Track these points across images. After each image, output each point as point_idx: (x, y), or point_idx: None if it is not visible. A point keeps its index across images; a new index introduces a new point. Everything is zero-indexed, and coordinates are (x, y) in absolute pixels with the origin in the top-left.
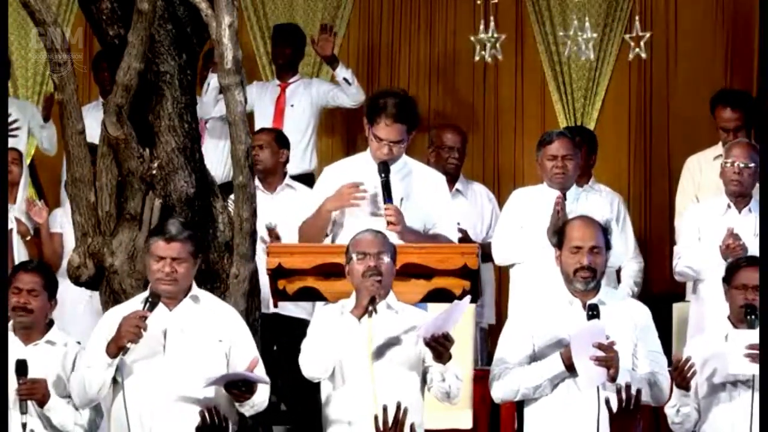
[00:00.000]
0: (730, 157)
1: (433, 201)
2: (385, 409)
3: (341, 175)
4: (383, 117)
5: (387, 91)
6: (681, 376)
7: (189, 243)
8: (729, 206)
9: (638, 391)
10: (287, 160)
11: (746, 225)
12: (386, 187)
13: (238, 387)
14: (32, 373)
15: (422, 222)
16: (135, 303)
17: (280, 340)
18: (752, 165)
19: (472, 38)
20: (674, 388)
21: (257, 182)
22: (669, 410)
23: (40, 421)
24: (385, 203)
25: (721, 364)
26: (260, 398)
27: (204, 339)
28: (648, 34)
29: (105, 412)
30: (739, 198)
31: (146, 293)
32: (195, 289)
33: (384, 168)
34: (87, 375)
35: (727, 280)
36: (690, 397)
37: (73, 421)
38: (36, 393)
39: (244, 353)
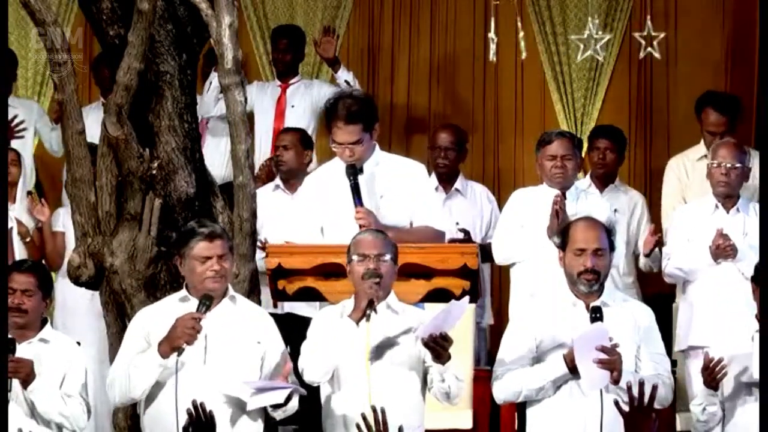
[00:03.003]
0: (716, 158)
1: (413, 193)
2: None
3: (319, 182)
4: (335, 121)
5: (338, 95)
6: (711, 375)
7: (227, 239)
8: (717, 206)
9: (654, 387)
10: (311, 161)
11: (735, 225)
12: (355, 190)
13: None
14: None
15: (407, 216)
16: (171, 303)
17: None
18: (739, 165)
19: (490, 34)
20: (702, 386)
21: (279, 182)
22: (695, 408)
23: (27, 409)
24: (355, 206)
25: (748, 364)
26: (292, 404)
27: (243, 340)
28: (662, 34)
29: (101, 412)
30: (726, 198)
31: (182, 293)
32: (231, 290)
33: (352, 171)
34: (134, 375)
35: (756, 279)
36: (716, 397)
37: (58, 412)
38: (21, 372)
39: (277, 357)
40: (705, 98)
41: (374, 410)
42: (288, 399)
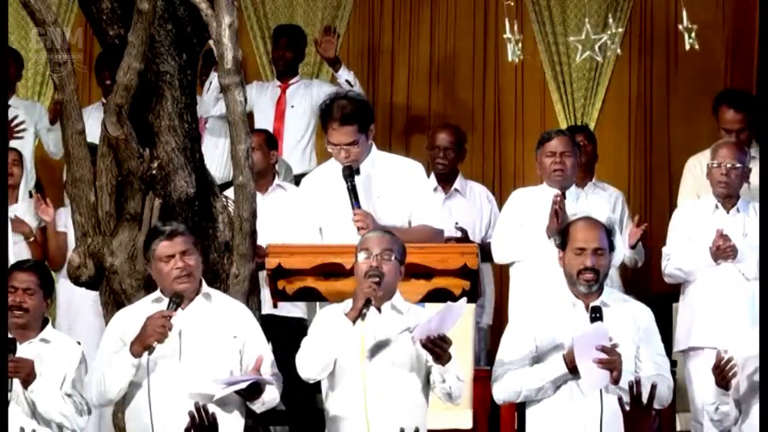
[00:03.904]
0: (716, 158)
1: (411, 192)
2: None
3: (317, 182)
4: (331, 122)
5: (333, 96)
6: (721, 375)
7: (190, 235)
8: (717, 207)
9: (653, 386)
10: (276, 161)
11: (735, 225)
12: (353, 192)
13: (247, 389)
14: None
15: (405, 216)
16: (145, 304)
17: (276, 341)
18: (739, 166)
19: (505, 36)
20: (713, 386)
21: None
22: (708, 407)
23: (28, 409)
24: (353, 209)
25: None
26: (271, 396)
27: (219, 336)
28: (695, 27)
29: (102, 413)
30: (726, 198)
31: (156, 294)
32: (205, 287)
33: (348, 173)
34: (108, 375)
35: None
36: (729, 396)
37: (59, 411)
38: (21, 371)
39: (256, 350)
40: (722, 96)
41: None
42: (257, 390)
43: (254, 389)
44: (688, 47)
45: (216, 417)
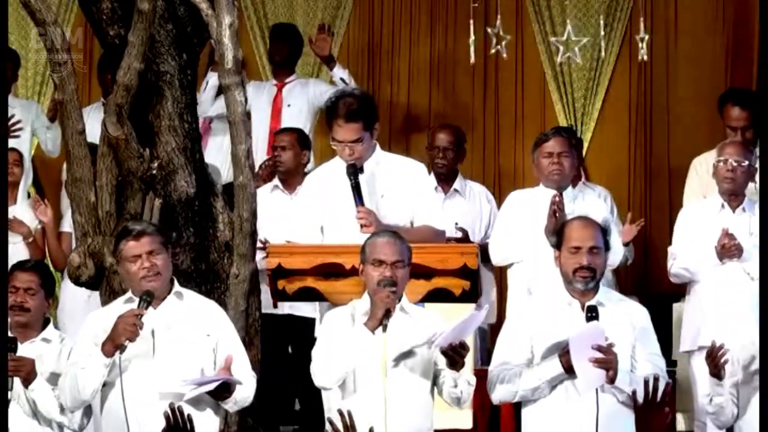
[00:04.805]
0: (722, 156)
1: (413, 192)
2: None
3: (320, 181)
4: (336, 119)
5: (339, 93)
6: (713, 362)
7: (157, 235)
8: (723, 206)
9: (667, 384)
10: (308, 161)
11: (740, 224)
12: (356, 189)
13: (215, 388)
14: None
15: (407, 215)
16: (117, 305)
17: (294, 341)
18: (745, 163)
19: (489, 30)
20: (708, 377)
21: (277, 182)
22: (703, 399)
23: (29, 406)
24: (356, 206)
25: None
26: (243, 395)
27: (192, 335)
28: (647, 36)
29: (96, 413)
30: (732, 197)
31: (127, 294)
32: (177, 286)
33: (352, 170)
34: (81, 377)
35: None
36: (724, 387)
37: (59, 411)
38: (22, 370)
39: (229, 348)
40: (727, 94)
41: (341, 414)
42: (226, 389)
43: (223, 388)
44: (640, 59)
45: (192, 418)
